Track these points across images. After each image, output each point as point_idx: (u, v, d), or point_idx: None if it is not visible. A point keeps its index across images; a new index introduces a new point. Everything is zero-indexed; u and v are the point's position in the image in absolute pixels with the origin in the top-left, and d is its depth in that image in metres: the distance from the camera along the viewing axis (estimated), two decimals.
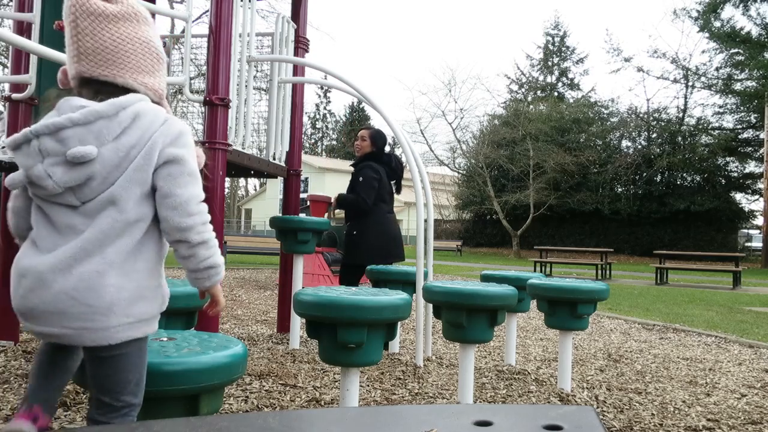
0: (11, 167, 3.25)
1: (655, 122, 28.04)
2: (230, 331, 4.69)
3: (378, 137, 4.58)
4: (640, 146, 27.98)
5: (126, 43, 1.37)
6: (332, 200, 4.64)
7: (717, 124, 27.33)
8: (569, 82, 36.31)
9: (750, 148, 26.42)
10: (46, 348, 1.47)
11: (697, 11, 26.33)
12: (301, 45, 4.75)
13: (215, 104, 3.34)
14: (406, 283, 3.97)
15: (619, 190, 27.67)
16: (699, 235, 24.87)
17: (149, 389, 1.46)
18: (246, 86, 4.02)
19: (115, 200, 1.33)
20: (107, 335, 1.32)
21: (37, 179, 1.31)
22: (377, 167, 4.43)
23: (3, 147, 3.50)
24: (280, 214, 4.51)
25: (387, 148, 4.71)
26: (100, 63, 1.36)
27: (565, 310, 3.22)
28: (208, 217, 1.42)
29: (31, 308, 1.33)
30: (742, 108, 26.18)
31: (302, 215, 4.67)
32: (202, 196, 1.42)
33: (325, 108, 64.07)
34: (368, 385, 3.14)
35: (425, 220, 3.83)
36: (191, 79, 3.69)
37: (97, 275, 1.31)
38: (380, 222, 4.36)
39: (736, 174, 27.08)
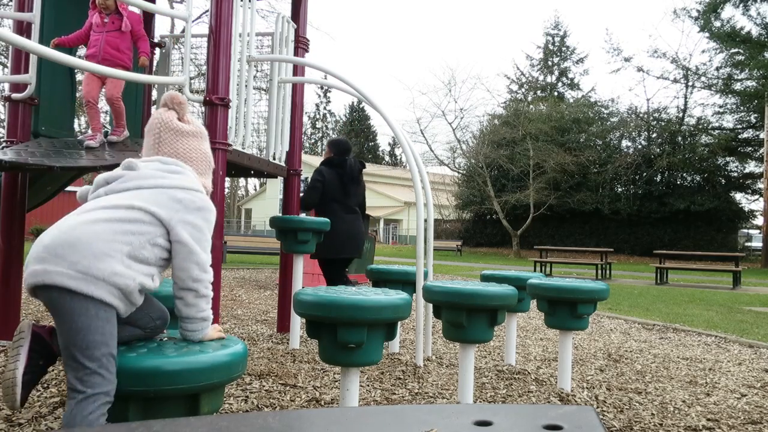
0: (11, 167, 3.25)
1: (655, 122, 28.03)
2: (230, 330, 4.69)
3: (334, 144, 4.98)
4: (640, 146, 27.97)
5: (192, 152, 1.88)
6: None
7: (717, 124, 27.33)
8: (569, 82, 36.31)
9: (750, 148, 26.41)
10: None
11: (697, 11, 26.33)
12: (301, 45, 4.75)
13: (215, 104, 3.34)
14: (406, 282, 3.97)
15: (619, 190, 27.66)
16: (699, 235, 24.86)
17: (149, 389, 1.46)
18: (246, 86, 4.02)
19: None
20: None
21: None
22: (324, 170, 4.75)
23: (3, 147, 3.50)
24: (280, 214, 4.51)
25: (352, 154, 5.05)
26: None
27: (565, 310, 3.22)
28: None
29: None
30: (742, 108, 26.16)
31: (302, 215, 4.67)
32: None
33: (325, 108, 64.06)
34: (368, 385, 3.14)
35: (425, 220, 3.83)
36: (191, 79, 3.69)
37: None
38: (331, 220, 4.50)
39: (736, 174, 27.08)
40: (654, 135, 27.94)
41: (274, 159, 4.44)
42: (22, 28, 3.56)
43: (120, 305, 1.55)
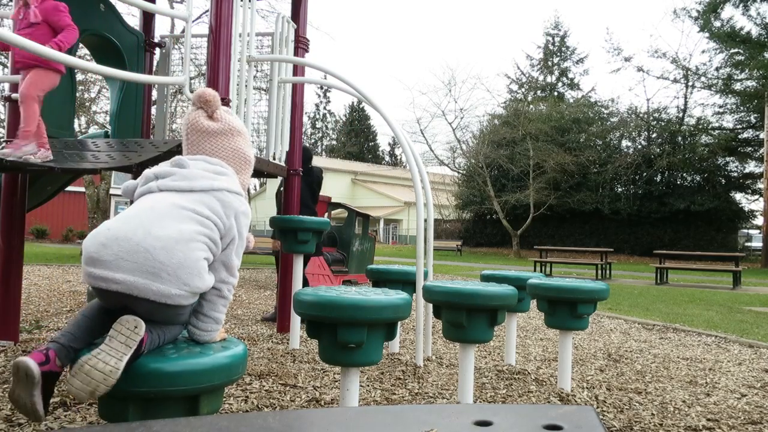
0: (11, 167, 3.25)
1: (655, 122, 28.03)
2: (230, 331, 4.69)
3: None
4: (640, 146, 27.97)
5: (221, 152, 1.84)
6: None
7: (717, 124, 27.33)
8: (569, 82, 36.31)
9: (750, 148, 26.41)
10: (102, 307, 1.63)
11: (697, 11, 26.33)
12: (301, 45, 4.75)
13: None
14: (406, 282, 3.97)
15: (619, 190, 27.66)
16: (699, 234, 24.86)
17: (149, 389, 1.46)
18: (246, 86, 4.02)
19: None
20: None
21: None
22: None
23: (2, 147, 3.50)
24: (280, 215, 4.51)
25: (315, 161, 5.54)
26: None
27: (565, 310, 3.22)
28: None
29: None
30: (742, 108, 26.16)
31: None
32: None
33: (325, 108, 64.07)
34: (368, 385, 3.14)
35: (425, 220, 3.83)
36: (191, 79, 3.69)
37: None
38: None
39: (736, 174, 27.08)
40: (654, 135, 27.94)
41: (274, 159, 4.44)
42: None
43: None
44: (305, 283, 5.44)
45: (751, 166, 26.73)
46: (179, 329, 1.69)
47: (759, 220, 26.07)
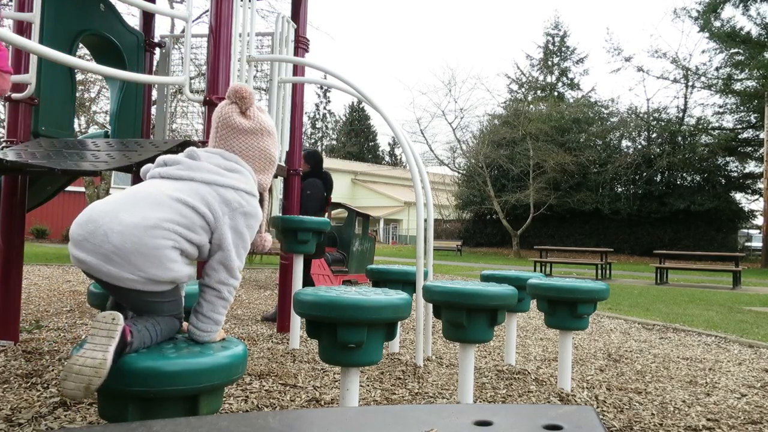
0: (11, 169, 3.25)
1: (655, 122, 28.04)
2: (230, 331, 4.69)
3: (313, 157, 5.68)
4: (640, 146, 27.98)
5: (249, 150, 1.84)
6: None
7: (717, 124, 27.34)
8: (569, 81, 36.31)
9: (750, 148, 26.41)
10: None
11: (697, 11, 26.33)
12: (301, 45, 4.75)
13: (215, 104, 3.34)
14: (406, 282, 3.97)
15: (619, 189, 27.66)
16: (699, 234, 24.87)
17: (149, 389, 1.46)
18: None
19: None
20: None
21: None
22: (318, 183, 5.58)
23: (3, 147, 3.50)
24: (280, 214, 4.51)
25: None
26: None
27: (565, 310, 3.22)
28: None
29: None
30: (742, 108, 26.17)
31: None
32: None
33: (325, 108, 64.05)
34: (368, 385, 3.14)
35: (425, 220, 3.82)
36: (191, 79, 3.69)
37: None
38: None
39: (736, 174, 27.08)
40: (654, 135, 27.95)
41: None
42: (22, 28, 3.56)
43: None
44: (310, 283, 5.53)
45: (751, 166, 26.75)
46: (171, 322, 1.67)
47: (759, 220, 26.08)
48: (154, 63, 4.83)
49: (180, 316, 1.73)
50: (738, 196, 27.03)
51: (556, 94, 34.55)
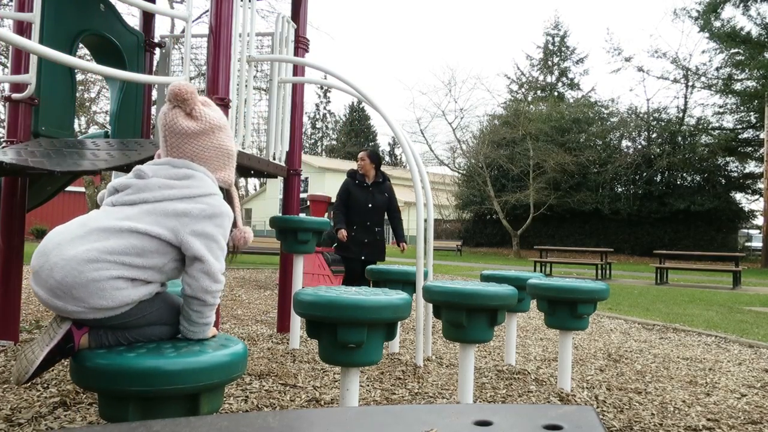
0: (11, 168, 3.25)
1: (655, 122, 28.03)
2: (230, 330, 4.69)
3: (378, 158, 5.58)
4: (640, 146, 27.97)
5: (203, 152, 1.77)
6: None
7: (717, 124, 27.33)
8: (569, 82, 36.32)
9: (750, 148, 26.41)
10: None
11: (698, 11, 26.33)
12: (301, 45, 4.75)
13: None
14: (406, 282, 3.97)
15: (619, 189, 27.66)
16: (699, 234, 24.86)
17: (148, 388, 1.46)
18: (246, 86, 4.02)
19: None
20: None
21: None
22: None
23: (3, 147, 3.50)
24: (280, 214, 4.51)
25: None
26: None
27: (565, 310, 3.22)
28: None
29: None
30: (742, 108, 26.17)
31: (302, 215, 4.68)
32: None
33: (325, 108, 64.06)
34: (368, 385, 3.14)
35: (425, 220, 3.83)
36: (191, 79, 3.69)
37: None
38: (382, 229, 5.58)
39: (736, 174, 27.08)
40: (654, 135, 27.95)
41: (274, 159, 4.44)
42: (23, 28, 3.56)
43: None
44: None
45: (751, 166, 26.74)
46: (149, 330, 1.67)
47: (759, 220, 26.08)
48: (154, 63, 4.83)
49: (168, 321, 1.71)
50: (738, 196, 27.03)
51: (556, 94, 34.56)
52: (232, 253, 1.88)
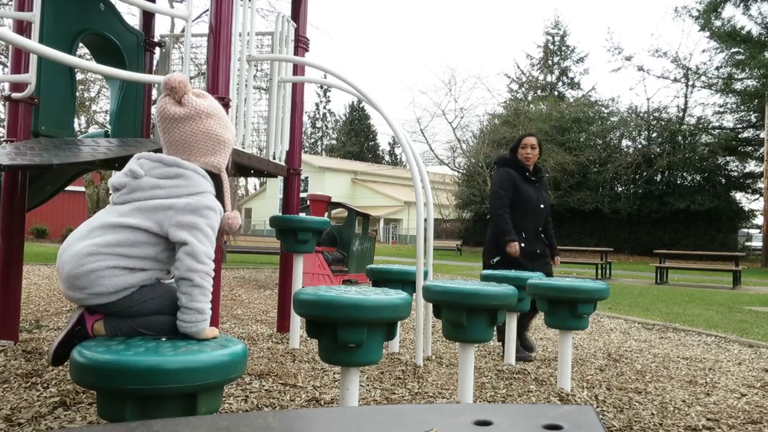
0: (11, 168, 3.25)
1: (655, 121, 28.04)
2: (230, 330, 4.69)
3: (542, 144, 4.55)
4: (640, 146, 27.97)
5: (190, 137, 1.89)
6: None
7: (717, 124, 27.34)
8: (569, 81, 36.33)
9: (750, 148, 26.41)
10: None
11: (698, 10, 26.33)
12: (301, 44, 4.75)
13: None
14: (406, 282, 3.97)
15: (619, 189, 27.66)
16: (699, 234, 24.86)
17: (145, 387, 1.46)
18: (246, 85, 4.02)
19: None
20: None
21: None
22: None
23: (3, 147, 3.50)
24: (280, 214, 4.51)
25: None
26: (176, 152, 1.90)
27: (565, 310, 3.22)
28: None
29: None
30: (742, 107, 26.17)
31: (302, 214, 4.68)
32: None
33: (324, 107, 64.08)
34: (368, 385, 3.14)
35: (425, 220, 3.82)
36: (191, 78, 3.69)
37: None
38: None
39: (736, 173, 27.08)
40: (654, 134, 27.95)
41: (274, 158, 4.44)
42: (22, 28, 3.56)
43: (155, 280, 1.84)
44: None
45: (752, 166, 26.75)
46: (154, 319, 1.79)
47: (759, 220, 26.07)
48: (154, 62, 4.83)
49: (170, 311, 1.80)
50: (738, 195, 27.04)
51: (556, 93, 34.57)
52: (224, 236, 2.03)
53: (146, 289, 1.79)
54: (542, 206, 4.30)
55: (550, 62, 36.32)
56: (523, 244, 4.16)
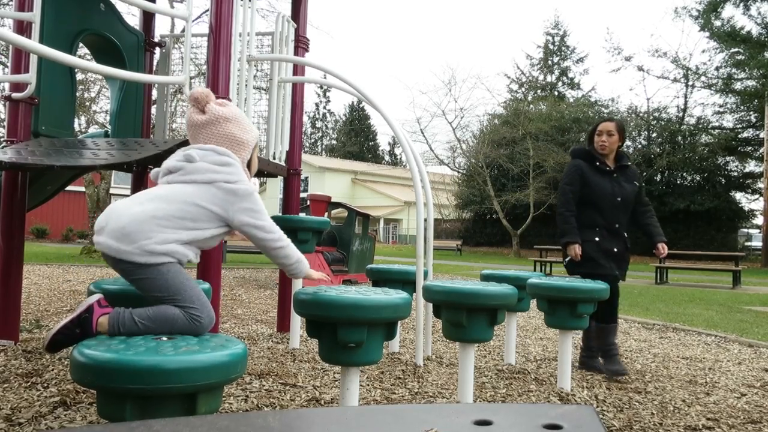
0: (11, 167, 3.25)
1: (655, 121, 28.04)
2: (230, 330, 4.69)
3: (623, 130, 3.99)
4: (640, 146, 27.98)
5: (211, 138, 2.12)
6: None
7: (717, 124, 27.34)
8: (569, 81, 36.32)
9: (750, 148, 26.42)
10: None
11: (698, 10, 26.33)
12: (301, 44, 4.75)
13: None
14: (406, 282, 3.97)
15: None
16: (699, 234, 24.86)
17: (145, 386, 1.46)
18: (246, 86, 4.02)
19: None
20: None
21: None
22: None
23: (3, 146, 3.50)
24: (280, 214, 4.51)
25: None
26: None
27: (565, 310, 3.22)
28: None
29: None
30: (742, 107, 26.18)
31: (302, 214, 4.67)
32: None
33: (324, 107, 64.07)
34: (368, 385, 3.14)
35: (425, 220, 3.83)
36: (191, 78, 3.69)
37: None
38: None
39: (736, 173, 27.08)
40: (654, 134, 27.96)
41: (274, 158, 4.44)
42: (23, 28, 3.56)
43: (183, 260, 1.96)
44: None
45: (751, 166, 26.76)
46: (168, 311, 1.84)
47: (759, 220, 26.08)
48: (154, 63, 4.83)
49: (181, 303, 1.85)
50: (738, 195, 27.05)
51: (556, 93, 34.56)
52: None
53: (176, 267, 1.92)
54: (619, 199, 3.91)
55: (549, 62, 36.32)
56: (597, 238, 3.82)
